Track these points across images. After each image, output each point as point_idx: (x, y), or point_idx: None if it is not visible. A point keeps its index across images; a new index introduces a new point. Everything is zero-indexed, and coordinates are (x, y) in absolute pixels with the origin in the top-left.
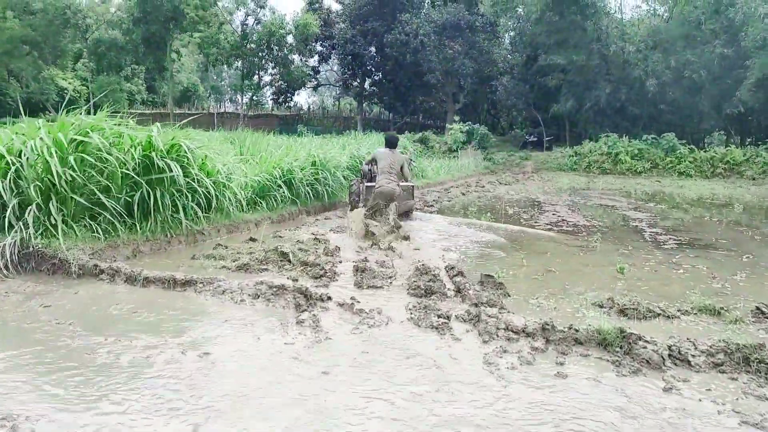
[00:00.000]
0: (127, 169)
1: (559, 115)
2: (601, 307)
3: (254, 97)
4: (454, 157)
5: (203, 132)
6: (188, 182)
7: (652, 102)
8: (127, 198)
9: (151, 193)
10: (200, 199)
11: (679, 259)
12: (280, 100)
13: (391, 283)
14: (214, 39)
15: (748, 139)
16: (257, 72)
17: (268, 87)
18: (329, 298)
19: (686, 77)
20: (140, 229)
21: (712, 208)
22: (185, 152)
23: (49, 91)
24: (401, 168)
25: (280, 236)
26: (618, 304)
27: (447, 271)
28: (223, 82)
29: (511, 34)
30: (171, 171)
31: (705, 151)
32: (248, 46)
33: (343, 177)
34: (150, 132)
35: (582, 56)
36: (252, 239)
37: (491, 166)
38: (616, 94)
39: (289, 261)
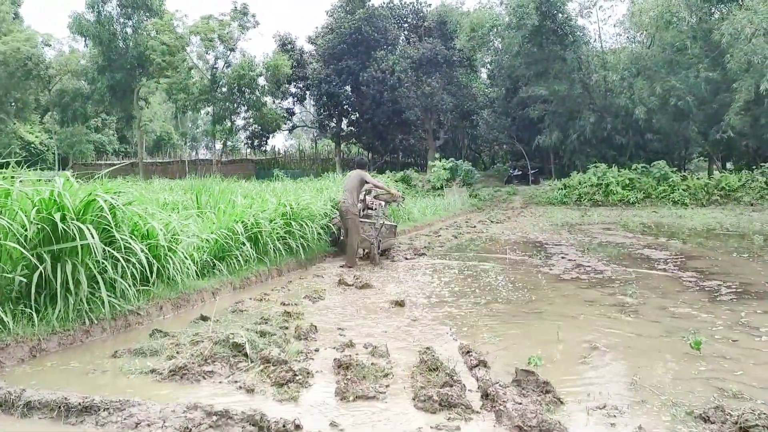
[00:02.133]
0: (25, 239)
1: (543, 148)
2: (708, 421)
3: (228, 142)
4: (438, 195)
5: (169, 181)
6: (113, 250)
7: (638, 130)
8: (22, 277)
9: (59, 267)
10: (134, 270)
11: (749, 317)
12: (255, 144)
13: (387, 387)
14: (182, 85)
15: (728, 164)
16: (229, 116)
17: (242, 131)
18: (298, 429)
19: (672, 104)
20: (43, 318)
21: (730, 240)
22: (107, 212)
23: (11, 145)
24: (360, 183)
25: (242, 309)
26: (733, 416)
27: (463, 356)
28: (198, 129)
29: (489, 67)
30: (87, 237)
31: (698, 178)
32: (219, 90)
33: (321, 227)
34: (53, 187)
35: (564, 86)
36: (203, 318)
37: (478, 203)
38: (601, 123)
39: (246, 356)
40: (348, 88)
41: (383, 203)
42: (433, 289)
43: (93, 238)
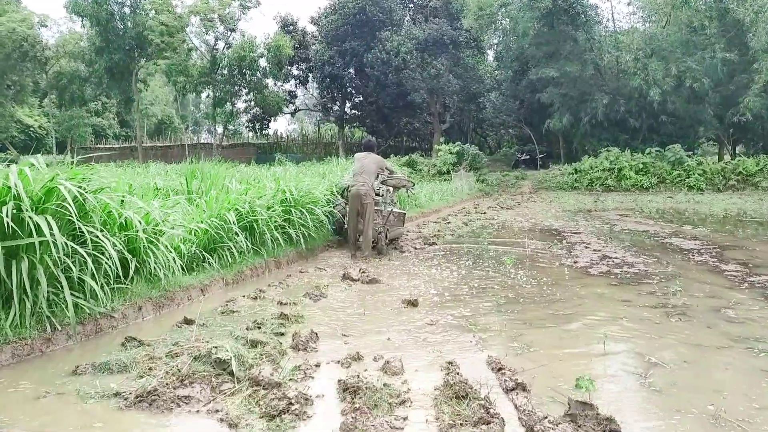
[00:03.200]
0: None
1: (551, 131)
2: None
3: (229, 126)
4: (444, 179)
5: (165, 165)
6: (79, 244)
7: (652, 113)
8: None
9: (14, 266)
10: (108, 267)
11: None
12: (257, 127)
13: (405, 420)
14: (182, 66)
15: (737, 148)
16: (230, 99)
17: (243, 114)
18: None
19: (687, 85)
20: None
21: (760, 229)
22: (70, 201)
23: (8, 129)
24: (380, 168)
25: (233, 310)
26: None
27: (494, 374)
28: (200, 113)
29: (496, 49)
30: (44, 231)
31: (714, 163)
32: (219, 72)
33: (324, 214)
34: (7, 175)
35: (576, 67)
36: (187, 321)
37: (486, 188)
38: (614, 105)
39: (231, 374)
40: (352, 70)
41: (391, 189)
42: (447, 285)
43: (51, 231)
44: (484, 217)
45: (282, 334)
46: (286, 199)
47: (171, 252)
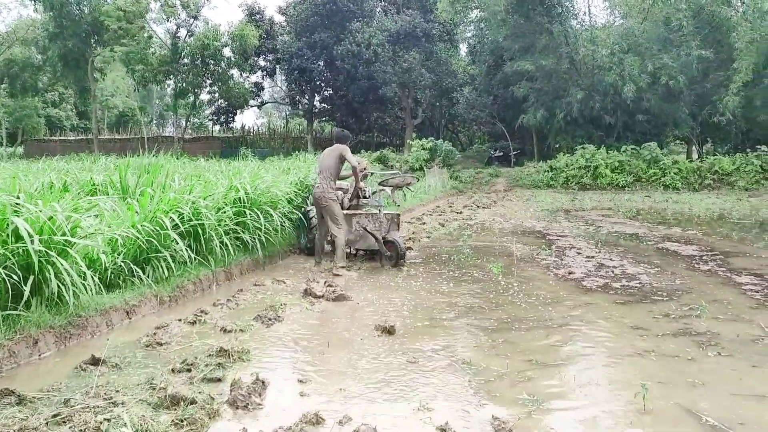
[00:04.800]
0: None
1: (524, 128)
2: None
3: (193, 119)
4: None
5: (117, 159)
6: None
7: (627, 110)
8: None
9: None
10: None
11: None
12: (221, 120)
13: None
14: (141, 54)
15: (705, 147)
16: (193, 90)
17: (207, 107)
18: None
19: (663, 83)
20: None
21: (753, 231)
22: None
23: None
24: (339, 159)
25: (160, 342)
26: None
27: None
28: (163, 106)
29: (470, 42)
30: None
31: (690, 161)
32: (180, 61)
33: (286, 216)
34: None
35: (551, 61)
36: (94, 361)
37: (459, 186)
38: (589, 101)
39: None
40: (321, 62)
41: (388, 189)
42: (428, 303)
43: None
44: (460, 217)
45: (218, 381)
46: (239, 198)
47: (85, 267)
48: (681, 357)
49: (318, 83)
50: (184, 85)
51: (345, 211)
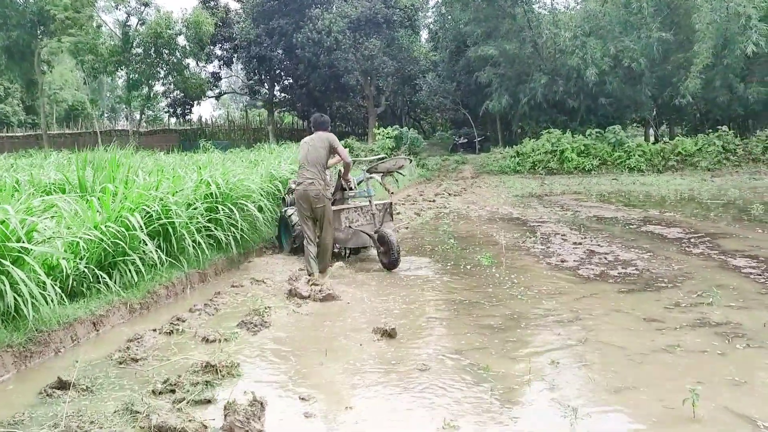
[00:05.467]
0: None
1: (488, 114)
2: None
3: (148, 111)
4: None
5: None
6: None
7: (589, 94)
8: None
9: None
10: None
11: None
12: (178, 112)
13: None
14: (90, 45)
15: (660, 129)
16: (147, 81)
17: (162, 98)
18: None
19: (625, 65)
20: None
21: (730, 211)
22: None
23: None
24: (330, 150)
25: (135, 358)
26: None
27: None
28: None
29: (432, 28)
30: None
31: (654, 143)
32: (132, 51)
33: (259, 210)
34: None
35: (514, 45)
36: (61, 384)
37: (426, 174)
38: (552, 86)
39: None
40: (280, 50)
41: (378, 176)
42: (422, 300)
43: None
44: (434, 205)
45: (208, 402)
46: (211, 193)
47: (44, 275)
48: (710, 352)
49: (277, 72)
50: (136, 76)
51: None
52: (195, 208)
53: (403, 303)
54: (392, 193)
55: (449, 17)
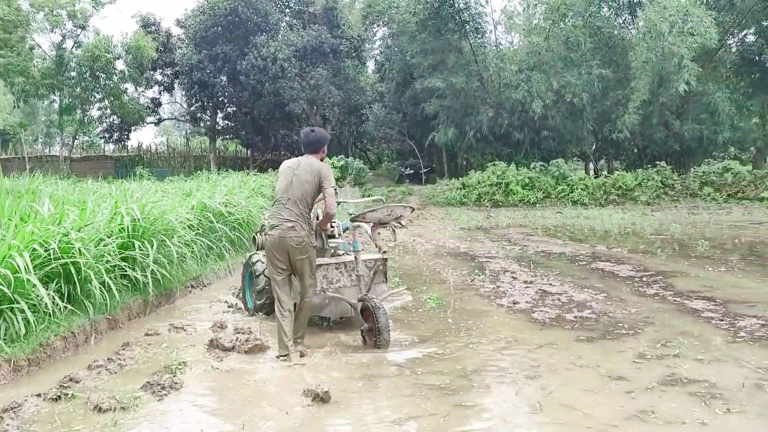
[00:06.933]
0: None
1: (434, 145)
2: None
3: (82, 136)
4: None
5: None
6: None
7: (534, 127)
8: None
9: None
10: None
11: None
12: (114, 138)
13: None
14: (21, 66)
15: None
16: (81, 105)
17: (97, 123)
18: None
19: (567, 100)
20: None
21: (675, 248)
22: None
23: None
24: (321, 185)
25: None
26: None
27: None
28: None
29: (379, 59)
30: None
31: (596, 177)
32: (66, 74)
33: (185, 245)
34: None
35: (461, 79)
36: None
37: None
38: (498, 119)
39: None
40: (224, 77)
41: (367, 226)
42: (360, 353)
43: None
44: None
45: None
46: (125, 227)
47: None
48: (689, 422)
49: (221, 99)
50: (70, 99)
51: None
52: (105, 245)
53: (339, 355)
54: (384, 251)
55: (396, 49)
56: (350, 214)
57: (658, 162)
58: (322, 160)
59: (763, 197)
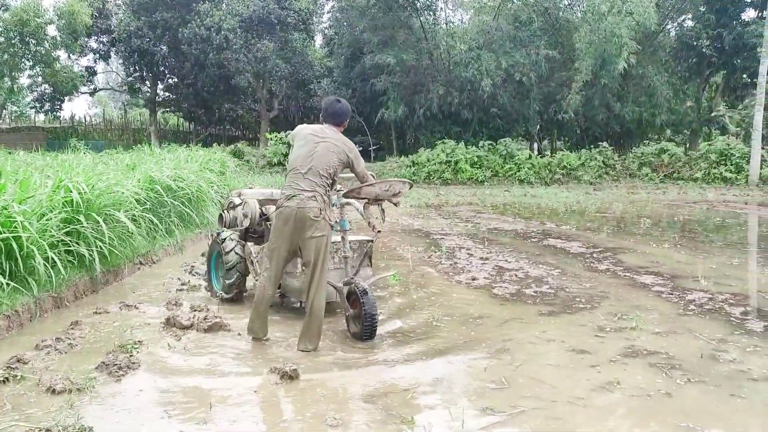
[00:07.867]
0: None
1: (384, 122)
2: None
3: (13, 107)
4: (276, 172)
5: None
6: None
7: (483, 106)
8: None
9: None
10: None
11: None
12: (46, 108)
13: None
14: None
15: (543, 143)
16: (9, 73)
17: (27, 92)
18: None
19: (516, 79)
20: None
21: (621, 225)
22: None
23: None
24: (345, 163)
25: None
26: None
27: None
28: None
29: (327, 33)
30: None
31: (541, 157)
32: None
33: (133, 220)
34: None
35: (411, 56)
36: None
37: None
38: (448, 97)
39: None
40: (164, 47)
41: (358, 203)
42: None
43: None
44: None
45: None
46: (70, 200)
47: None
48: (653, 393)
49: (161, 69)
50: None
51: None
52: (49, 220)
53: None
54: (379, 231)
55: (345, 23)
56: (338, 190)
57: (600, 143)
58: None
59: (697, 177)
